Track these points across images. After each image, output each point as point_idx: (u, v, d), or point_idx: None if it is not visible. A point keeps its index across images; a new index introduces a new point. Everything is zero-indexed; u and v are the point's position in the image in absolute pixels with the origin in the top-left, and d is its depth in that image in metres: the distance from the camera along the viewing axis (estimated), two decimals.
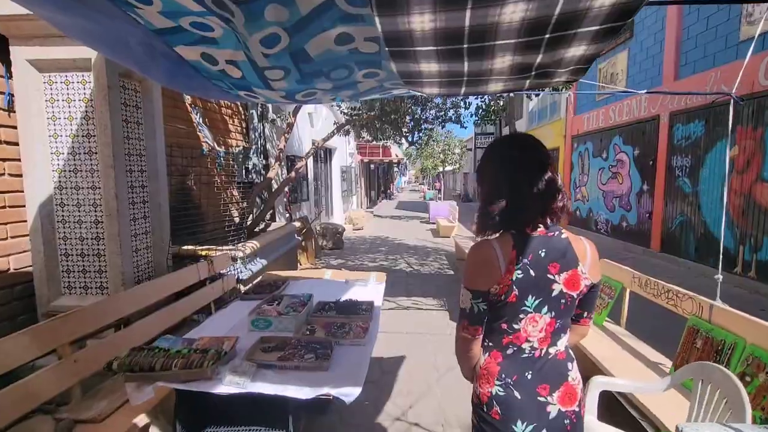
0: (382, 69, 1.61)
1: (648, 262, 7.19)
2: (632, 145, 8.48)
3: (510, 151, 1.10)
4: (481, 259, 1.05)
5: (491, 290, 1.04)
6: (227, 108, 5.62)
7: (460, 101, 6.86)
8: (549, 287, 1.03)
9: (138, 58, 1.62)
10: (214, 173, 5.23)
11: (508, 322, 1.06)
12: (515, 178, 1.04)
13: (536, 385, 1.05)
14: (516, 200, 1.03)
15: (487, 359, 1.10)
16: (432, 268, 7.00)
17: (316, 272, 3.80)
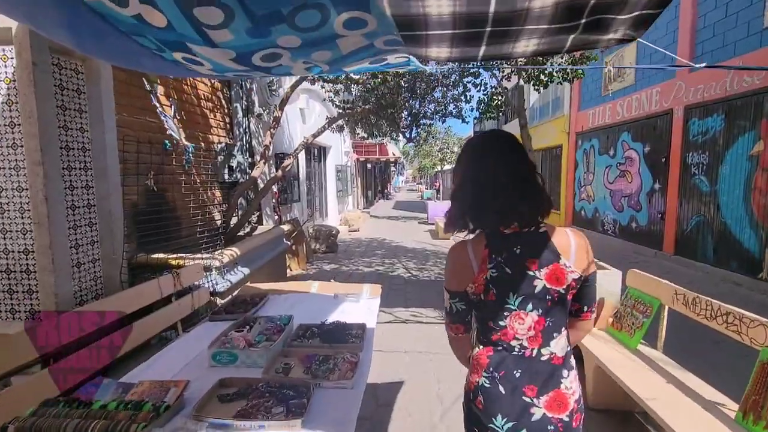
0: (371, 10, 1.14)
1: (661, 266, 6.75)
2: (642, 142, 8.03)
3: (478, 150, 1.08)
4: (454, 260, 1.08)
5: (468, 290, 1.06)
6: (207, 101, 5.13)
7: (460, 95, 6.40)
8: (531, 284, 1.02)
9: (29, 12, 1.15)
10: (192, 172, 4.74)
11: (492, 320, 1.06)
12: (480, 177, 1.04)
13: (524, 384, 1.04)
14: (481, 199, 1.03)
15: (480, 351, 1.10)
16: (432, 273, 6.53)
17: (301, 285, 3.33)
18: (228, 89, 5.66)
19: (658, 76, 7.55)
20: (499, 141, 1.09)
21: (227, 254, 3.84)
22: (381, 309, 4.69)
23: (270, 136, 4.91)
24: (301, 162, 8.26)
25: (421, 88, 6.00)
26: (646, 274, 2.81)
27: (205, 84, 5.09)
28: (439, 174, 18.07)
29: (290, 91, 4.91)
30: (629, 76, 8.51)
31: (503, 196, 1.01)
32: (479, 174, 1.04)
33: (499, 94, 5.43)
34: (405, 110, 6.40)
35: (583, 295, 1.10)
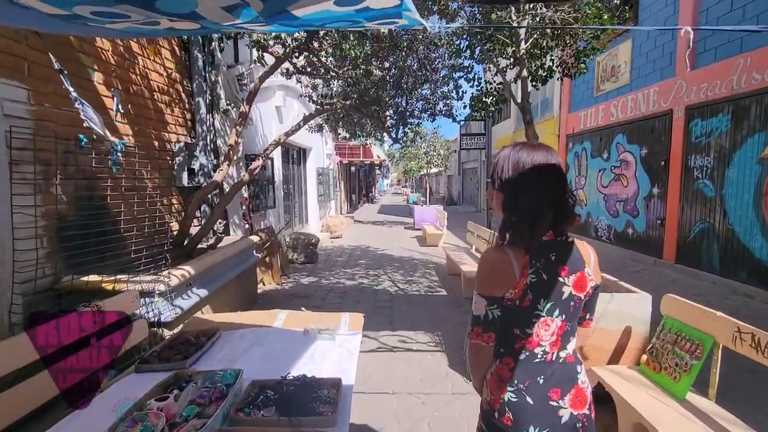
0: None
1: (663, 276, 6.34)
2: (639, 144, 7.66)
3: (536, 165, 1.06)
4: (496, 265, 1.06)
5: (506, 295, 1.05)
6: (163, 93, 4.45)
7: (451, 91, 5.86)
8: (560, 290, 1.04)
9: None
10: (144, 175, 4.05)
11: (521, 327, 1.06)
12: (542, 192, 1.04)
13: (548, 389, 1.06)
14: (541, 215, 1.03)
15: (499, 365, 1.10)
16: (421, 286, 5.95)
17: (264, 316, 2.69)
18: (189, 81, 4.98)
19: (655, 75, 7.19)
20: (551, 154, 1.09)
21: (177, 274, 3.17)
22: (364, 333, 4.07)
23: (236, 135, 4.26)
24: (278, 164, 7.60)
25: (408, 84, 5.43)
26: (690, 303, 2.28)
27: (160, 74, 4.41)
28: (425, 177, 17.57)
29: (259, 84, 4.27)
30: (623, 75, 8.15)
31: (556, 209, 1.04)
32: (541, 189, 1.05)
33: (495, 89, 4.90)
34: (390, 108, 5.83)
35: (590, 303, 1.16)
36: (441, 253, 8.25)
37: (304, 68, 4.89)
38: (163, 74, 4.46)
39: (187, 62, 4.96)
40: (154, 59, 4.30)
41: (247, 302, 4.81)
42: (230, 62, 5.75)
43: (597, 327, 2.66)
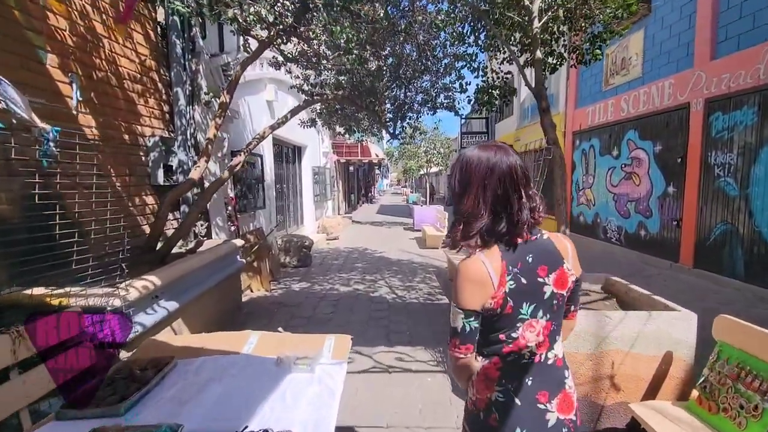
0: None
1: (680, 281, 5.90)
2: (652, 140, 7.21)
3: (493, 163, 1.04)
4: (470, 277, 1.01)
5: (485, 305, 1.01)
6: (135, 82, 4.01)
7: (453, 83, 5.42)
8: (541, 291, 1.04)
9: None
10: (111, 172, 3.62)
11: (506, 332, 1.04)
12: (502, 193, 1.03)
13: (536, 391, 1.04)
14: (504, 215, 1.03)
15: (486, 365, 1.07)
16: (420, 293, 5.52)
17: (233, 339, 2.25)
18: (167, 70, 4.54)
19: (670, 66, 6.74)
20: (509, 152, 1.06)
21: (138, 286, 2.73)
22: (357, 350, 3.64)
23: (215, 128, 3.82)
24: (269, 162, 7.16)
25: (407, 74, 4.99)
26: (756, 328, 1.84)
27: (131, 60, 3.97)
28: (425, 177, 17.12)
29: (241, 70, 3.84)
30: (635, 68, 7.71)
31: (527, 208, 1.03)
32: (492, 186, 1.02)
33: (502, 79, 4.46)
34: (388, 100, 5.39)
35: (574, 297, 1.16)
36: (441, 255, 7.82)
37: (293, 56, 4.44)
38: (135, 61, 4.03)
39: (164, 49, 4.52)
40: (124, 43, 3.86)
41: (229, 313, 4.37)
42: (214, 51, 5.31)
43: (631, 352, 2.23)
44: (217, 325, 4.05)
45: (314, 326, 4.26)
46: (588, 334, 2.24)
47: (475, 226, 1.02)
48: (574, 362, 2.25)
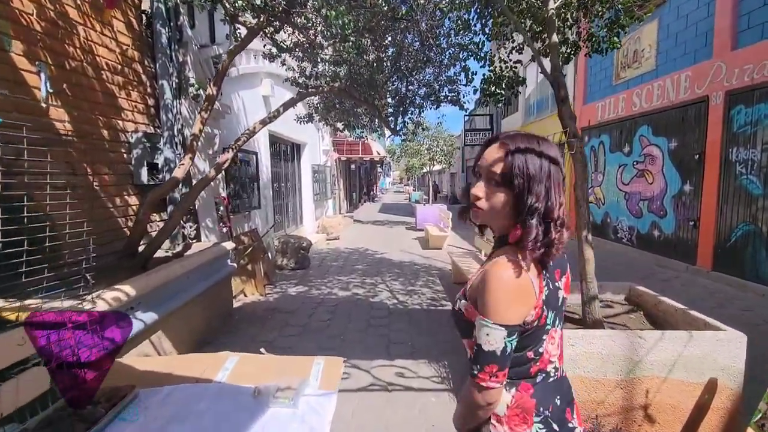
0: None
1: (698, 285, 5.57)
2: (667, 136, 6.87)
3: (558, 163, 0.93)
4: (516, 286, 0.86)
5: (526, 319, 0.89)
6: (115, 73, 3.72)
7: (457, 74, 5.10)
8: (558, 296, 0.96)
9: None
10: (87, 171, 3.34)
11: (534, 348, 0.94)
12: (557, 199, 0.92)
13: (564, 409, 0.96)
14: (561, 216, 0.92)
15: (517, 395, 0.94)
16: (423, 298, 5.22)
17: (206, 362, 1.96)
18: (152, 62, 4.25)
19: (687, 58, 6.39)
20: (559, 151, 0.97)
21: (108, 298, 2.45)
22: (354, 363, 3.35)
23: (201, 122, 3.53)
24: (265, 160, 6.87)
25: (408, 65, 4.67)
26: None
27: (111, 50, 3.68)
28: (428, 175, 16.80)
29: (228, 60, 3.53)
30: (648, 60, 7.35)
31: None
32: (557, 193, 0.92)
33: (511, 69, 4.14)
34: (388, 94, 5.08)
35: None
36: (445, 257, 7.52)
37: (286, 46, 4.14)
38: (116, 50, 3.74)
39: (149, 39, 4.23)
40: (102, 31, 3.57)
41: (218, 321, 4.09)
42: (204, 41, 5.02)
43: (669, 378, 1.92)
44: (204, 335, 3.77)
45: (309, 335, 3.97)
46: (618, 357, 1.93)
47: (552, 230, 0.89)
48: (601, 390, 1.94)
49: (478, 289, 0.90)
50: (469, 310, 0.95)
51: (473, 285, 0.96)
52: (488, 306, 0.86)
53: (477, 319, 0.88)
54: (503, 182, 0.90)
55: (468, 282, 1.02)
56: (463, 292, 1.01)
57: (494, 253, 0.96)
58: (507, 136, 0.95)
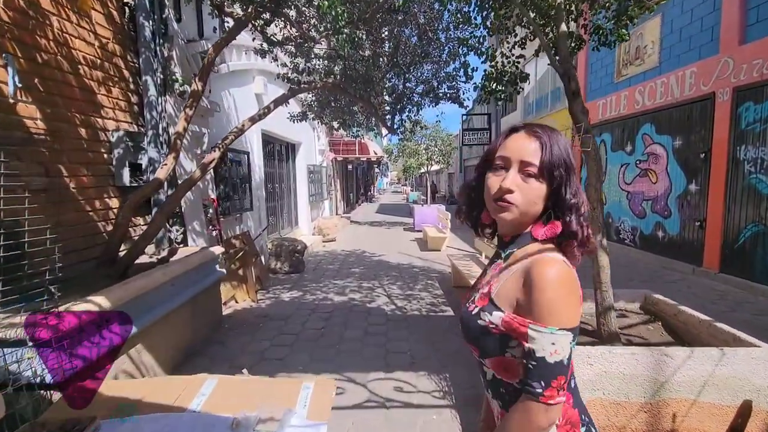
0: None
1: (706, 287, 5.39)
2: (671, 135, 6.70)
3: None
4: (573, 282, 0.79)
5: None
6: (94, 68, 3.49)
7: (457, 70, 4.90)
8: None
9: None
10: (63, 172, 3.12)
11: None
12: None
13: (587, 413, 0.91)
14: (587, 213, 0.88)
15: (564, 407, 0.85)
16: (422, 303, 5.01)
17: (181, 385, 1.74)
18: (135, 56, 4.02)
19: (692, 53, 6.22)
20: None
21: (78, 311, 2.23)
22: (349, 377, 3.13)
23: (185, 120, 3.31)
24: (258, 160, 6.64)
25: (405, 61, 4.46)
26: None
27: (89, 43, 3.45)
28: (426, 175, 16.61)
29: (214, 53, 3.32)
30: (651, 57, 7.18)
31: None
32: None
33: (514, 63, 3.95)
34: (385, 91, 4.87)
35: None
36: (444, 259, 7.32)
37: (277, 40, 3.93)
38: (94, 44, 3.51)
39: (132, 32, 4.00)
40: (79, 23, 3.34)
41: (205, 330, 3.87)
42: (192, 36, 4.79)
43: (698, 401, 1.72)
44: (190, 347, 3.55)
45: (302, 344, 3.75)
46: (641, 377, 1.73)
47: (585, 227, 0.86)
48: (623, 414, 1.74)
49: (526, 295, 0.79)
50: (513, 322, 0.80)
51: (505, 292, 0.83)
52: (550, 310, 0.76)
53: (532, 329, 0.76)
54: (540, 174, 0.82)
55: (488, 288, 0.88)
56: (487, 301, 0.86)
57: (518, 253, 0.86)
58: (529, 125, 0.88)
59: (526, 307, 0.78)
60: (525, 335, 0.77)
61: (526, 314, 0.78)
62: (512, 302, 0.81)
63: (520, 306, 0.80)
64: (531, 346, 0.76)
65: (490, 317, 0.83)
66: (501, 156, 0.85)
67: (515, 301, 0.81)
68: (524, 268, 0.81)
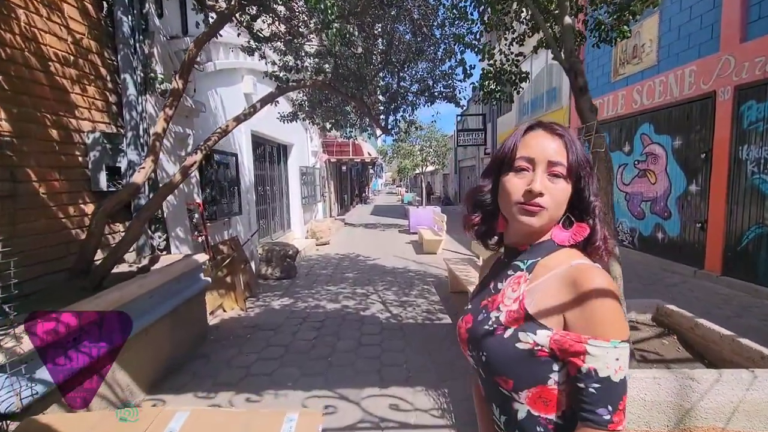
0: None
1: (709, 290, 5.26)
2: (670, 134, 6.58)
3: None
4: (617, 289, 0.86)
5: None
6: (67, 65, 3.26)
7: (454, 69, 4.72)
8: None
9: None
10: (31, 177, 2.89)
11: None
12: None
13: None
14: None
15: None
16: (418, 310, 4.82)
17: (148, 418, 1.53)
18: (113, 53, 3.80)
19: (691, 51, 6.10)
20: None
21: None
22: (341, 393, 2.93)
23: (165, 120, 3.10)
24: (247, 162, 6.42)
25: (399, 59, 4.28)
26: None
27: (62, 39, 3.23)
28: (421, 176, 16.44)
29: (195, 48, 3.12)
30: (648, 55, 7.06)
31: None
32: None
33: (513, 62, 3.78)
34: (379, 90, 4.69)
35: None
36: (441, 262, 7.15)
37: (263, 35, 3.73)
38: (67, 39, 3.28)
39: (109, 27, 3.78)
40: (49, 17, 3.12)
41: (188, 344, 3.65)
42: (175, 32, 4.57)
43: (727, 429, 1.54)
44: (171, 362, 3.33)
45: (292, 357, 3.55)
46: (665, 404, 1.55)
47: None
48: None
49: (578, 307, 0.70)
50: (564, 340, 0.70)
51: (546, 306, 0.73)
52: (613, 321, 0.68)
53: (592, 344, 0.67)
54: (568, 175, 0.77)
55: (518, 305, 0.76)
56: (523, 320, 0.74)
57: (548, 262, 0.78)
58: (544, 122, 0.82)
59: (579, 321, 0.69)
60: (582, 354, 0.67)
61: (579, 330, 0.69)
62: (558, 318, 0.72)
63: (570, 321, 0.70)
64: (592, 365, 0.66)
65: (534, 337, 0.71)
66: (524, 157, 0.77)
67: (561, 316, 0.71)
68: (566, 279, 0.73)
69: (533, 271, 0.78)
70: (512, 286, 0.80)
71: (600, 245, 0.79)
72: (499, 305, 0.79)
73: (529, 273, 0.79)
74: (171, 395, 2.93)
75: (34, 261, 2.94)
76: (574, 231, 0.79)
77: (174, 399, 2.88)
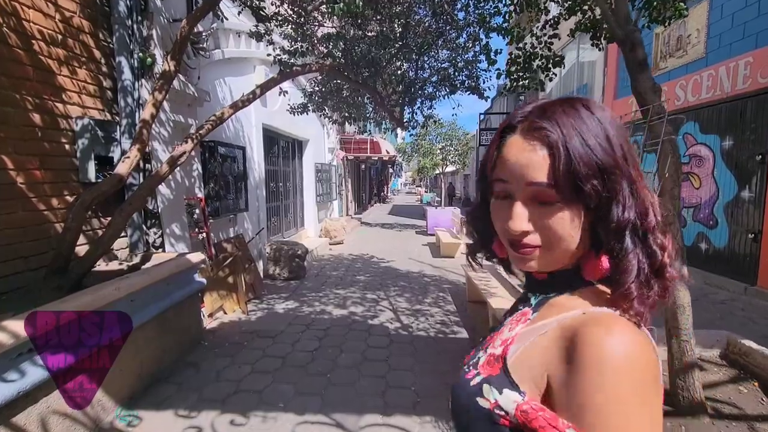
0: None
1: (764, 310, 4.63)
2: (719, 134, 5.93)
3: (625, 129, 0.58)
4: (653, 369, 0.47)
5: None
6: (54, 45, 3.01)
7: (478, 56, 4.28)
8: None
9: None
10: (7, 164, 2.65)
11: None
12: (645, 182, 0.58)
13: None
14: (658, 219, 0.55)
15: None
16: (431, 321, 4.41)
17: None
18: (108, 34, 3.54)
19: (747, 41, 5.45)
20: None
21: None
22: (338, 420, 2.55)
23: (154, 105, 2.80)
24: (256, 157, 6.13)
25: (417, 42, 3.87)
26: None
27: (49, 16, 2.97)
28: (441, 176, 15.93)
29: (188, 26, 2.80)
30: (695, 47, 6.41)
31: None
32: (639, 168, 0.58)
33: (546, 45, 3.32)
34: (394, 78, 4.29)
35: None
36: (458, 267, 6.71)
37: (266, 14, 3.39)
38: (55, 16, 3.03)
39: (105, 6, 3.52)
40: None
41: (179, 351, 3.35)
42: (180, 14, 4.30)
43: None
44: (157, 372, 3.03)
45: (288, 371, 3.20)
46: None
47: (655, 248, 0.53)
48: None
49: (567, 375, 0.47)
50: (534, 416, 0.47)
51: (529, 361, 0.53)
52: (610, 420, 0.43)
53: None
54: (560, 196, 0.51)
55: (502, 349, 0.57)
56: (498, 370, 0.55)
57: (560, 301, 0.57)
58: (530, 111, 0.55)
59: (562, 396, 0.47)
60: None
61: (561, 408, 0.47)
62: (538, 381, 0.51)
63: (553, 391, 0.49)
64: None
65: (497, 397, 0.53)
66: (499, 178, 0.57)
67: (544, 379, 0.50)
68: (566, 332, 0.51)
69: (539, 310, 0.60)
70: (512, 323, 0.63)
71: (630, 290, 0.50)
72: (489, 346, 0.63)
73: (534, 312, 0.60)
74: (149, 411, 2.62)
75: (10, 256, 2.70)
76: (590, 265, 0.55)
77: (151, 416, 2.57)
